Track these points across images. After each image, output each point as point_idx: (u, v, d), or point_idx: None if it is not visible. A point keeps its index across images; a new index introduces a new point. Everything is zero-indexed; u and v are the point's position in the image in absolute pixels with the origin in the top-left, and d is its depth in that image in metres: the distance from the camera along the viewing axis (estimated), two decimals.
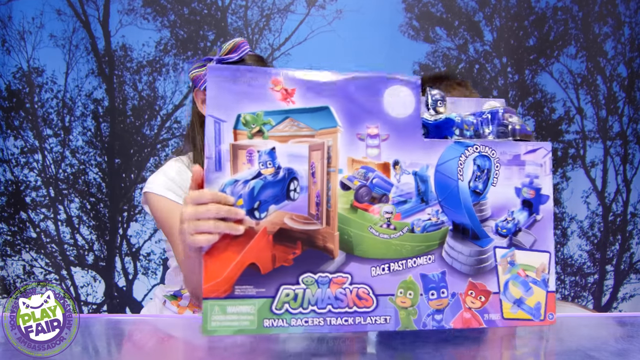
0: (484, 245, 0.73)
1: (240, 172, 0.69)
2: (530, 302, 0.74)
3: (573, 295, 2.24)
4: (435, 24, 2.18)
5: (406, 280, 0.71)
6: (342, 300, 0.69)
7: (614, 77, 2.21)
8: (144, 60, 2.17)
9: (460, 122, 0.77)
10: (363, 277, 0.70)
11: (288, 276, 0.68)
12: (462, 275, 0.72)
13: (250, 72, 0.70)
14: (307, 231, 0.69)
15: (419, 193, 0.72)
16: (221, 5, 2.17)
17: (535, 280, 0.74)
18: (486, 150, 0.73)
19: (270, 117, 0.69)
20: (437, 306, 0.72)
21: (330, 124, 0.70)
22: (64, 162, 2.18)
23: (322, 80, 0.72)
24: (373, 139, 0.71)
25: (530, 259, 0.74)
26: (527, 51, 2.19)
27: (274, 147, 0.69)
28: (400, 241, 0.71)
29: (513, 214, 0.74)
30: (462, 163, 0.73)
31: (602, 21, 2.19)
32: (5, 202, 2.19)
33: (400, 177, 0.71)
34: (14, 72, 2.16)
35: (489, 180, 0.73)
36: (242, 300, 0.67)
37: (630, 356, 0.69)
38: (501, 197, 0.74)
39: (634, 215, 2.24)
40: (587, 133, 2.22)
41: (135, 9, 2.16)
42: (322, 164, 0.70)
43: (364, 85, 0.73)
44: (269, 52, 2.17)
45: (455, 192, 0.72)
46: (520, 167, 0.74)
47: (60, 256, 2.18)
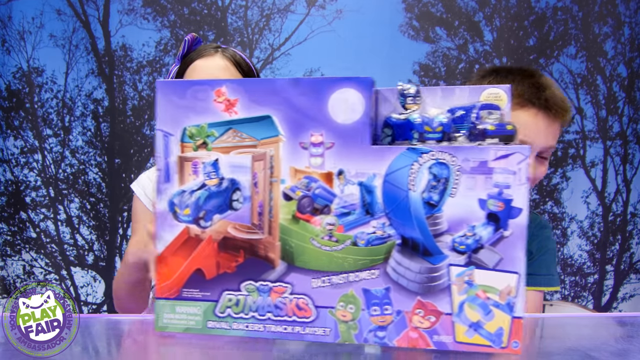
0: (435, 262, 0.66)
1: (187, 183, 0.72)
2: (490, 327, 0.65)
3: (573, 295, 2.25)
4: (435, 24, 2.18)
5: (347, 294, 0.68)
6: (281, 309, 0.70)
7: (614, 77, 2.21)
8: (144, 60, 2.17)
9: (421, 124, 0.69)
10: (303, 288, 0.69)
11: (231, 283, 0.71)
12: (409, 292, 0.67)
13: (195, 85, 0.71)
14: (250, 240, 0.71)
15: (364, 204, 0.67)
16: (221, 5, 2.17)
17: (497, 303, 0.65)
18: (444, 157, 0.65)
19: (214, 129, 0.70)
20: (380, 322, 0.68)
21: (272, 133, 0.69)
22: (64, 162, 2.18)
23: (264, 88, 0.70)
24: (317, 148, 0.68)
25: (493, 280, 0.65)
26: (527, 51, 2.19)
27: (217, 159, 0.71)
28: (342, 254, 0.68)
29: (474, 229, 0.65)
30: (414, 172, 0.66)
31: (602, 21, 2.19)
32: (5, 202, 2.19)
33: (344, 187, 0.67)
34: (14, 72, 2.16)
35: (445, 191, 0.65)
36: (189, 302, 0.72)
37: (630, 356, 0.69)
38: (460, 210, 0.65)
39: (634, 215, 2.24)
40: (587, 133, 2.22)
41: (135, 9, 2.16)
42: (265, 174, 0.70)
43: (308, 91, 0.69)
44: (269, 52, 2.17)
45: (405, 203, 0.66)
46: (487, 176, 0.64)
47: (60, 256, 2.18)
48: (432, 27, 2.18)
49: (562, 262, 2.24)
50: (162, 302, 0.74)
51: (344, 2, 2.14)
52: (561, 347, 0.78)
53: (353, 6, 2.14)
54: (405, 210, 0.66)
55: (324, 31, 2.15)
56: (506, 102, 0.70)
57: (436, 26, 2.18)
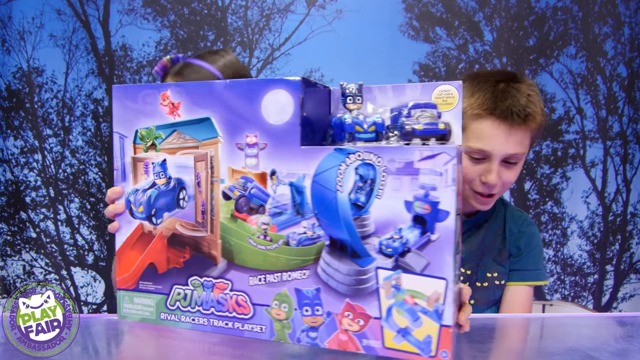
0: (363, 265, 0.65)
1: (140, 182, 0.77)
2: (418, 334, 0.63)
3: (573, 295, 2.24)
4: (435, 24, 2.18)
5: (281, 293, 0.69)
6: (223, 305, 0.73)
7: (614, 77, 2.21)
8: (144, 60, 2.17)
9: (351, 124, 0.68)
10: (242, 286, 0.71)
11: (180, 277, 0.75)
12: (338, 294, 0.66)
13: (145, 89, 0.75)
14: (195, 237, 0.74)
15: (295, 205, 0.68)
16: (221, 5, 2.17)
17: (425, 310, 0.63)
18: (371, 158, 0.64)
19: (161, 131, 0.74)
20: (312, 323, 0.68)
21: (211, 135, 0.71)
22: (64, 162, 2.18)
23: (203, 91, 0.72)
24: (251, 149, 0.70)
25: (420, 285, 0.63)
26: (527, 51, 2.19)
27: (165, 159, 0.75)
28: (276, 253, 0.69)
29: (401, 232, 0.64)
30: (341, 172, 0.65)
31: (602, 21, 2.19)
32: (5, 202, 2.19)
33: (277, 187, 0.69)
34: (14, 72, 2.16)
35: (372, 192, 0.64)
36: (144, 294, 0.78)
37: (630, 356, 0.69)
38: (387, 212, 0.64)
39: (634, 215, 2.24)
40: (587, 133, 2.22)
41: (135, 9, 2.16)
42: (206, 174, 0.73)
43: (243, 93, 0.70)
44: (269, 52, 2.17)
45: (333, 204, 0.65)
46: (413, 177, 0.62)
47: (60, 256, 2.18)
48: (432, 27, 2.18)
49: (562, 262, 2.24)
50: (122, 292, 0.79)
51: (344, 2, 2.14)
52: (561, 347, 0.78)
53: (353, 6, 2.14)
54: (334, 211, 0.66)
55: (324, 31, 2.15)
56: (457, 98, 0.69)
57: (436, 26, 2.18)
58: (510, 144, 1.00)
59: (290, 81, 0.68)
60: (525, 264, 1.15)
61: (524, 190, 2.22)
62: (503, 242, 1.15)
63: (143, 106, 0.75)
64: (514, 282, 1.15)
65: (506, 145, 1.00)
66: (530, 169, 2.22)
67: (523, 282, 1.15)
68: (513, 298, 1.15)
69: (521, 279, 1.15)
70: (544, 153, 2.22)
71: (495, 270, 1.14)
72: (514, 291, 1.15)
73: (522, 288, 1.15)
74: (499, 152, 1.00)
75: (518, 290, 1.15)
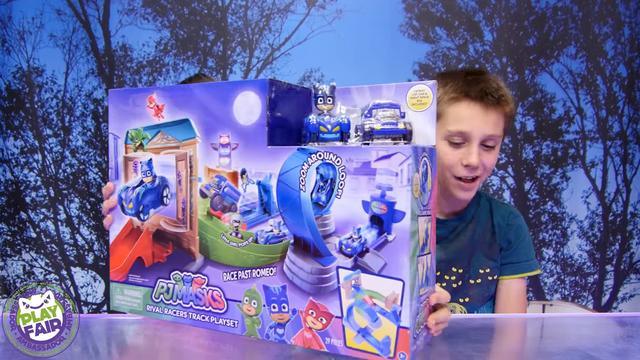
0: (325, 264, 0.66)
1: (130, 180, 0.81)
2: (377, 335, 0.63)
3: (573, 295, 2.24)
4: (435, 24, 2.18)
5: (251, 289, 0.71)
6: (200, 299, 0.75)
7: (614, 77, 2.21)
8: (144, 60, 2.17)
9: (316, 125, 0.69)
10: (217, 281, 0.74)
11: (164, 271, 0.78)
12: (303, 292, 0.68)
13: (135, 93, 0.80)
14: (176, 233, 0.77)
15: (262, 203, 0.70)
16: (221, 5, 2.17)
17: (383, 310, 0.63)
18: (330, 158, 0.65)
19: (148, 132, 0.79)
20: (279, 320, 0.69)
21: (190, 135, 0.75)
22: (64, 162, 2.18)
23: (184, 94, 0.75)
24: (224, 148, 0.72)
25: (379, 286, 0.63)
26: (527, 51, 2.19)
27: (151, 159, 0.79)
28: (246, 250, 0.71)
29: (359, 232, 0.64)
30: (304, 172, 0.66)
31: (602, 21, 2.19)
32: (5, 202, 2.19)
33: (247, 186, 0.71)
34: (14, 72, 2.16)
35: (332, 192, 0.65)
36: (133, 287, 0.81)
37: (630, 356, 0.69)
38: (346, 211, 0.64)
39: (634, 215, 2.24)
40: (587, 133, 2.22)
41: (135, 9, 2.16)
42: (186, 172, 0.76)
43: (217, 95, 0.72)
44: (269, 52, 2.17)
45: (297, 203, 0.67)
46: (370, 177, 0.63)
47: (60, 256, 2.18)
48: (432, 27, 2.18)
49: (562, 262, 2.24)
50: (114, 284, 0.83)
51: (344, 2, 2.14)
52: (561, 347, 0.78)
53: (353, 6, 2.14)
54: (297, 210, 0.67)
55: (324, 31, 2.15)
56: (431, 98, 0.70)
57: (436, 26, 2.18)
58: (488, 124, 1.05)
59: (258, 82, 0.70)
60: (517, 256, 1.16)
61: (524, 190, 2.22)
62: (493, 236, 1.15)
63: (133, 108, 0.79)
64: (507, 275, 1.15)
65: (484, 125, 1.05)
66: (530, 169, 2.22)
67: (517, 274, 1.16)
68: (509, 292, 1.15)
69: (515, 271, 1.15)
70: (544, 153, 2.22)
71: (487, 266, 1.14)
72: (509, 285, 1.15)
73: (516, 281, 1.16)
74: (478, 133, 1.05)
75: (512, 284, 1.16)
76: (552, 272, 2.24)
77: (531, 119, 2.22)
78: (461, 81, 1.06)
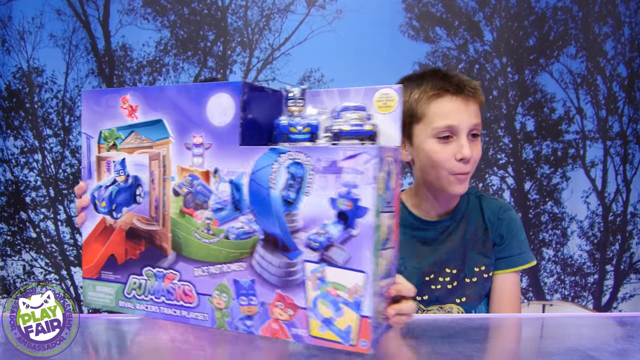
0: (292, 258, 0.70)
1: (103, 179, 0.83)
2: (340, 324, 0.68)
3: (573, 295, 2.25)
4: (435, 24, 2.18)
5: (221, 283, 0.74)
6: (172, 294, 0.78)
7: (614, 77, 2.21)
8: (144, 60, 2.17)
9: (286, 126, 0.73)
10: (188, 276, 0.76)
11: (136, 268, 0.80)
12: (271, 285, 0.71)
13: (108, 94, 0.81)
14: (149, 231, 0.79)
15: (234, 201, 0.72)
16: (221, 5, 2.17)
17: (346, 301, 0.67)
18: (300, 157, 0.69)
19: (121, 132, 0.81)
20: (248, 312, 0.72)
21: (164, 135, 0.77)
22: (64, 162, 2.18)
23: (157, 95, 0.78)
24: (198, 148, 0.75)
25: (342, 278, 0.67)
26: (527, 51, 2.19)
27: (124, 158, 0.81)
28: (217, 246, 0.74)
29: (326, 227, 0.68)
30: (275, 171, 0.70)
31: (602, 21, 2.19)
32: (5, 202, 2.19)
33: (219, 185, 0.73)
34: (14, 72, 2.16)
35: (301, 190, 0.69)
36: (105, 283, 0.83)
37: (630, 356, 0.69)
38: (314, 208, 0.68)
39: (634, 215, 2.24)
40: (587, 133, 2.22)
41: (135, 9, 2.16)
42: (159, 172, 0.78)
43: (191, 97, 0.75)
44: (269, 52, 2.17)
45: (267, 201, 0.70)
46: (337, 175, 0.67)
47: (60, 256, 2.18)
48: (432, 27, 2.18)
49: (562, 262, 2.24)
50: (87, 281, 0.84)
51: (344, 2, 2.14)
52: (561, 347, 0.78)
53: (353, 6, 2.14)
54: (267, 207, 0.70)
55: (324, 31, 2.15)
56: (397, 101, 0.74)
57: (436, 26, 2.18)
58: (471, 114, 1.08)
59: (231, 85, 0.72)
60: (510, 250, 1.16)
61: (524, 190, 2.23)
62: (485, 233, 1.15)
63: (106, 109, 0.81)
64: (501, 270, 1.15)
65: (468, 116, 1.07)
66: (530, 169, 2.22)
67: (510, 269, 1.15)
68: (502, 287, 1.15)
69: (508, 266, 1.15)
70: (544, 153, 2.22)
71: (482, 264, 1.14)
72: (503, 279, 1.15)
73: (510, 275, 1.16)
74: (465, 125, 1.07)
75: (506, 278, 1.15)
76: (552, 272, 2.24)
77: (531, 119, 2.22)
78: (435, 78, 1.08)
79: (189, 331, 0.81)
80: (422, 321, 0.90)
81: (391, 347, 0.76)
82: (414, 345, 0.78)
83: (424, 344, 0.76)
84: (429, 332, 0.84)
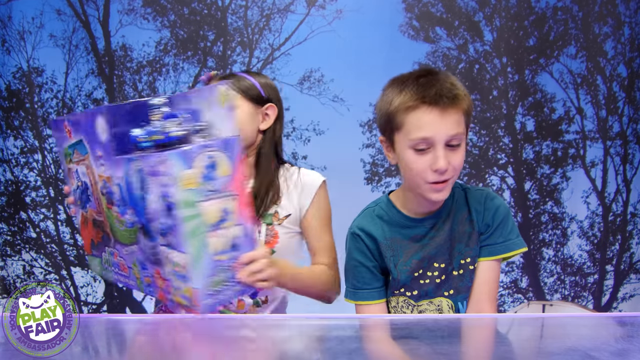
0: (153, 242, 0.87)
1: (73, 184, 1.06)
2: (185, 292, 0.86)
3: (573, 295, 2.25)
4: (435, 24, 2.18)
5: (134, 260, 0.94)
6: (118, 267, 1.00)
7: (614, 77, 2.22)
8: (144, 60, 2.17)
9: (135, 136, 0.83)
10: (121, 254, 0.97)
11: (102, 247, 1.03)
12: (150, 261, 0.90)
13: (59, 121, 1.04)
14: (100, 221, 1.00)
15: (122, 199, 0.90)
16: (221, 5, 2.17)
17: (182, 275, 0.84)
18: (139, 164, 0.84)
19: (70, 150, 1.02)
20: (148, 282, 0.93)
21: (85, 152, 0.97)
22: None
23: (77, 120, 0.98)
24: (100, 160, 0.94)
25: (178, 258, 0.84)
26: (527, 51, 2.19)
27: (77, 169, 1.02)
28: (125, 232, 0.93)
29: (162, 217, 0.84)
30: (132, 175, 0.86)
31: (602, 21, 2.19)
32: (5, 202, 2.19)
33: (113, 187, 0.92)
34: (14, 72, 2.16)
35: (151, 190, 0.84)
36: (94, 257, 1.08)
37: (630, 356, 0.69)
38: (156, 204, 0.84)
39: (634, 215, 2.25)
40: (587, 133, 2.22)
41: (135, 9, 2.16)
42: (93, 178, 0.98)
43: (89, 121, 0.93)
44: (269, 52, 2.18)
45: (134, 198, 0.87)
46: (156, 178, 0.82)
47: (60, 256, 2.19)
48: (432, 27, 2.18)
49: (562, 262, 2.24)
50: (88, 256, 1.10)
51: (344, 2, 2.14)
52: (561, 347, 0.78)
53: (353, 6, 2.14)
54: (135, 203, 0.88)
55: (324, 31, 2.15)
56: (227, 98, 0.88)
57: (436, 26, 2.18)
58: (448, 125, 1.06)
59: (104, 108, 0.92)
60: (494, 238, 1.16)
61: (524, 190, 2.23)
62: (471, 225, 1.15)
63: (61, 133, 1.03)
64: (483, 257, 1.15)
65: (444, 127, 1.06)
66: (530, 169, 2.22)
67: (490, 257, 1.15)
68: (481, 274, 1.15)
69: (489, 254, 1.15)
70: (544, 153, 2.22)
71: (467, 256, 1.14)
72: (482, 267, 1.15)
73: (490, 263, 1.16)
74: (441, 136, 1.06)
75: (485, 266, 1.16)
76: (552, 272, 2.24)
77: (531, 119, 2.22)
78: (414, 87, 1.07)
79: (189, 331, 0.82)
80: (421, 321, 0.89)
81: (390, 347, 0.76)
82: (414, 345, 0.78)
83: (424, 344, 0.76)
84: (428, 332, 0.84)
